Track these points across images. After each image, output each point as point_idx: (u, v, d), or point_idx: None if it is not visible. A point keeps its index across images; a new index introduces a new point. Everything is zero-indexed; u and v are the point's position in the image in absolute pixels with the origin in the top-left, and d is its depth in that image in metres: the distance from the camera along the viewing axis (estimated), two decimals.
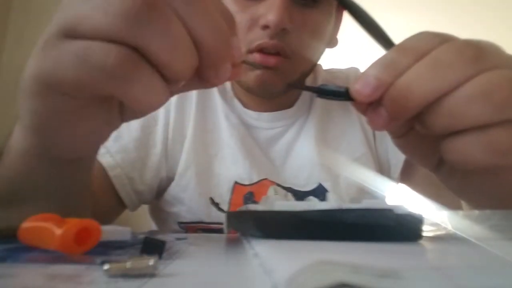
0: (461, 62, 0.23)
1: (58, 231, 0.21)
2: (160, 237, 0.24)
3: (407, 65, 0.24)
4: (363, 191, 0.52)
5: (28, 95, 0.23)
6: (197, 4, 0.21)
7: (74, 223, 0.22)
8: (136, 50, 0.20)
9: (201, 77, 0.23)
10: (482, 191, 0.29)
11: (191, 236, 0.41)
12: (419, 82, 0.23)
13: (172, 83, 0.22)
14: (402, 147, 0.32)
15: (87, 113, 0.24)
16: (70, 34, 0.20)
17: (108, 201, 0.50)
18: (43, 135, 0.26)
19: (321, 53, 0.54)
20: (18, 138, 0.28)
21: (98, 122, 0.26)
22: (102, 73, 0.20)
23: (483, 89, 0.22)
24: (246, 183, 0.53)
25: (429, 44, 0.24)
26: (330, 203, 0.47)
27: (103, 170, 0.49)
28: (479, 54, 0.23)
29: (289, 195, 0.53)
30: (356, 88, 0.25)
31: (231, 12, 0.24)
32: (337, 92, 0.27)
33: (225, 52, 0.22)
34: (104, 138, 0.28)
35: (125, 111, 0.27)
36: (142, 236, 0.24)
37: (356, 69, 0.64)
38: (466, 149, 0.23)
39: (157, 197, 0.56)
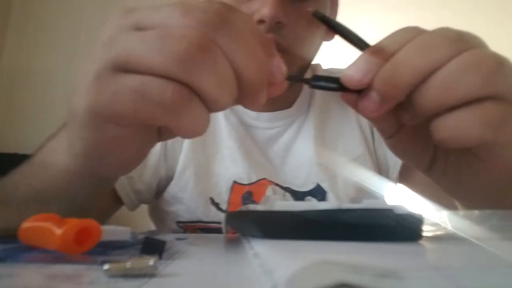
0: (446, 42, 0.24)
1: (58, 231, 0.21)
2: (160, 237, 0.24)
3: (395, 50, 0.24)
4: (361, 191, 0.52)
5: (82, 125, 0.24)
6: (241, 40, 0.22)
7: (74, 223, 0.22)
8: (187, 85, 0.21)
9: (238, 102, 0.24)
10: (475, 186, 0.29)
11: (191, 236, 0.41)
12: (407, 61, 0.24)
13: (213, 112, 0.23)
14: (394, 148, 0.32)
15: (135, 139, 0.26)
16: (124, 68, 0.21)
17: (107, 200, 0.50)
18: (93, 160, 0.27)
19: (318, 46, 0.54)
20: (64, 160, 0.29)
21: (143, 145, 0.27)
22: (158, 107, 0.21)
23: (471, 62, 0.23)
24: (245, 182, 0.53)
25: (413, 33, 0.25)
26: (330, 203, 0.47)
27: None
28: (461, 36, 0.24)
29: (287, 195, 0.54)
30: (347, 74, 0.25)
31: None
32: (329, 83, 0.27)
33: (263, 83, 0.23)
34: (144, 158, 0.29)
35: (162, 133, 0.28)
36: (142, 236, 0.24)
37: None
38: (459, 124, 0.24)
39: (156, 196, 0.56)
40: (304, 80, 0.28)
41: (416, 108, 0.25)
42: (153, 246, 0.22)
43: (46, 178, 0.31)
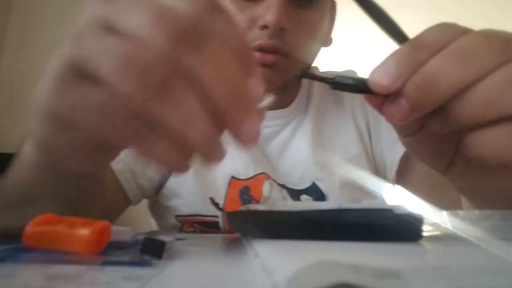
0: (490, 49, 0.21)
1: (83, 233, 0.21)
2: (160, 237, 0.24)
3: (430, 53, 0.22)
4: (358, 191, 0.53)
5: (44, 123, 0.23)
6: (215, 64, 0.19)
7: (97, 225, 0.22)
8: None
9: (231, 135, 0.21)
10: (496, 190, 0.28)
11: (191, 236, 0.41)
12: (446, 69, 0.21)
13: (204, 153, 0.20)
14: (411, 147, 0.30)
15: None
16: (85, 74, 0.19)
17: (114, 196, 0.51)
18: (55, 156, 0.25)
19: (317, 51, 0.55)
20: (29, 152, 0.28)
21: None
22: (121, 131, 0.19)
23: None
24: (243, 177, 0.54)
25: (452, 33, 0.23)
26: (330, 203, 0.47)
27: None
28: (507, 41, 0.22)
29: (284, 191, 0.54)
30: (375, 78, 0.23)
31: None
32: (353, 85, 0.25)
33: (242, 108, 0.20)
34: (115, 156, 0.27)
35: None
36: (142, 236, 0.24)
37: (353, 72, 0.64)
38: (501, 141, 0.22)
39: (156, 192, 0.56)
40: (326, 80, 0.25)
41: (449, 119, 0.23)
42: (153, 247, 0.22)
43: (19, 172, 0.30)
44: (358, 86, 0.24)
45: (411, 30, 0.25)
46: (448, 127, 0.24)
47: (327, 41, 0.59)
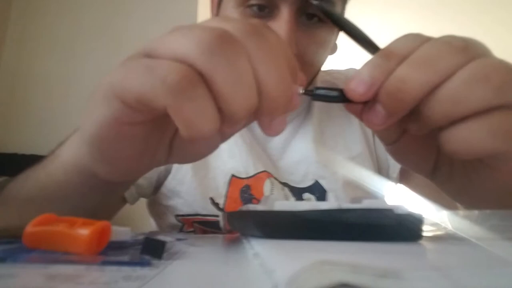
0: (452, 51, 0.23)
1: (83, 233, 0.21)
2: (160, 237, 0.24)
3: (398, 61, 0.24)
4: (361, 190, 0.53)
5: (98, 102, 0.24)
6: (267, 50, 0.21)
7: (97, 225, 0.22)
8: (201, 73, 0.21)
9: (255, 116, 0.23)
10: (482, 192, 0.29)
11: (191, 236, 0.41)
12: (413, 74, 0.23)
13: (227, 122, 0.22)
14: (395, 154, 0.32)
15: (141, 136, 0.26)
16: (150, 54, 0.22)
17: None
18: (95, 152, 0.27)
19: (325, 61, 0.55)
20: (70, 152, 0.30)
21: (148, 151, 0.27)
22: (161, 86, 0.20)
23: (480, 72, 0.23)
24: (243, 176, 0.54)
25: (416, 42, 0.24)
26: (330, 203, 0.48)
27: None
28: (467, 44, 0.24)
29: (286, 189, 0.54)
30: (351, 87, 0.25)
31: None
32: (332, 96, 0.26)
33: (283, 103, 0.22)
34: (146, 169, 0.29)
35: (172, 153, 0.29)
36: (142, 237, 0.24)
37: (355, 70, 0.64)
38: (470, 136, 0.23)
39: (154, 191, 0.56)
40: (306, 93, 0.27)
41: (424, 120, 0.24)
42: (153, 247, 0.22)
43: (51, 170, 0.32)
44: (336, 96, 0.26)
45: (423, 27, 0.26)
46: (425, 128, 0.25)
47: (333, 49, 0.59)
